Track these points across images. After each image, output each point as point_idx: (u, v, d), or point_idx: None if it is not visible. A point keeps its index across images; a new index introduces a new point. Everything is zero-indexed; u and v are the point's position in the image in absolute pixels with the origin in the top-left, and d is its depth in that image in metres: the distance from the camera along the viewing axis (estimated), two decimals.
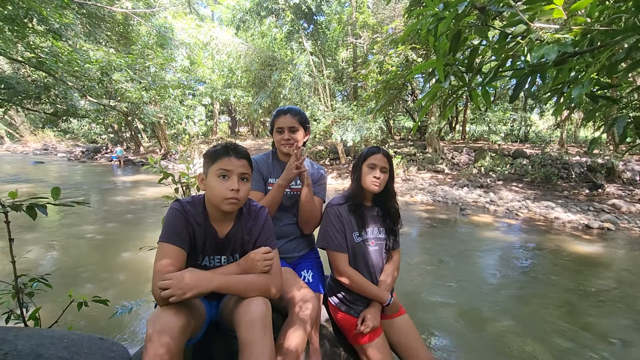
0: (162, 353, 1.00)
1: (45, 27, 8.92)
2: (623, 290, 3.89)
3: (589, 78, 0.93)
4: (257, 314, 1.17)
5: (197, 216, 1.30)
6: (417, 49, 10.11)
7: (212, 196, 1.26)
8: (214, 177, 1.25)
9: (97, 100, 12.43)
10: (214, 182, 1.24)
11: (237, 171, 1.25)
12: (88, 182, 12.12)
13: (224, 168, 1.24)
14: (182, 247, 1.22)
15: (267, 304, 1.22)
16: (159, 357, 1.00)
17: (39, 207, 1.43)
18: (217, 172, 1.24)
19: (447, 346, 2.72)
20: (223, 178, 1.24)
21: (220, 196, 1.23)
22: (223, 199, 1.23)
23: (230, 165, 1.24)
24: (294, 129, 1.77)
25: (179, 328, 1.06)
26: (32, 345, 1.05)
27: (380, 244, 1.71)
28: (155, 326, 1.03)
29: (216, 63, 17.84)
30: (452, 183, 11.15)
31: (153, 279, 1.15)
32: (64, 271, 3.97)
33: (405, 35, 1.59)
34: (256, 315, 1.17)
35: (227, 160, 1.25)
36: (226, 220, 1.34)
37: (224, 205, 1.25)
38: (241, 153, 1.28)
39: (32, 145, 28.80)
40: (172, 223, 1.25)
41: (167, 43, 13.87)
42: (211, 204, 1.30)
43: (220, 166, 1.24)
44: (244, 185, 1.28)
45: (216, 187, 1.24)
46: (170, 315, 1.06)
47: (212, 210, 1.31)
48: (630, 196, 8.86)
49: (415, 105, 16.73)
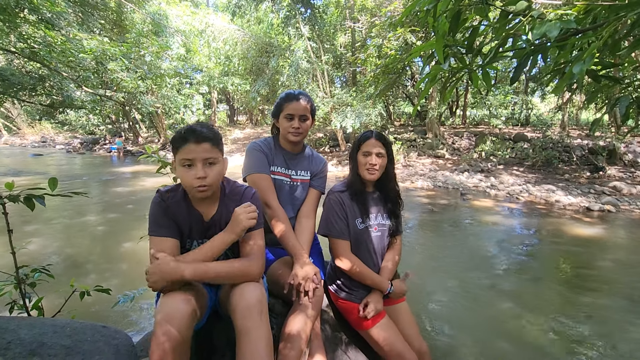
0: (170, 339, 1.01)
1: (37, 16, 8.76)
2: (622, 272, 3.92)
3: (590, 54, 0.91)
4: (253, 299, 1.17)
5: (178, 203, 1.30)
6: (416, 31, 9.93)
7: (184, 185, 1.26)
8: (180, 167, 1.23)
9: (93, 91, 12.30)
10: (180, 172, 1.23)
11: (199, 157, 1.20)
12: (87, 173, 12.11)
13: (186, 157, 1.20)
14: (171, 237, 1.24)
15: (261, 289, 1.23)
16: (167, 342, 1.01)
17: (36, 197, 1.42)
18: (180, 162, 1.22)
19: (447, 329, 2.75)
20: (188, 167, 1.21)
21: (189, 186, 1.22)
22: (192, 187, 1.22)
23: (191, 153, 1.19)
24: (305, 117, 1.67)
25: (187, 314, 1.07)
26: (35, 334, 1.06)
27: (383, 230, 1.70)
28: (163, 312, 1.04)
29: (212, 51, 17.58)
30: (452, 168, 11.13)
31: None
32: (66, 262, 4.00)
33: (403, 16, 1.56)
34: (252, 302, 1.17)
35: (187, 148, 1.19)
36: (210, 202, 1.34)
37: (195, 194, 1.24)
38: (201, 136, 1.20)
39: (30, 137, 28.68)
40: (154, 215, 1.26)
41: (162, 31, 13.65)
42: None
43: (182, 156, 1.20)
44: (211, 169, 1.23)
45: (183, 177, 1.22)
46: (178, 302, 1.07)
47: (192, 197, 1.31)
48: (632, 178, 8.84)
49: (415, 88, 16.55)
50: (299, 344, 1.33)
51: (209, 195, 1.27)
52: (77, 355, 1.06)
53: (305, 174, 1.80)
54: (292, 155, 1.79)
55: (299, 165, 1.79)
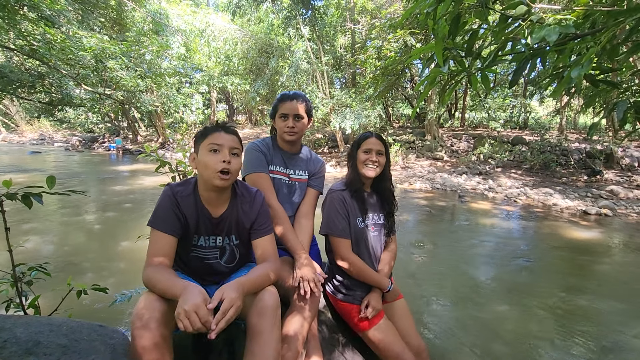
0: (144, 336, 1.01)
1: (36, 13, 8.74)
2: (618, 275, 3.93)
3: (588, 58, 0.92)
4: (270, 302, 1.20)
5: (188, 197, 1.31)
6: (416, 34, 9.96)
7: (204, 170, 1.27)
8: (205, 152, 1.26)
9: (92, 89, 12.29)
10: (206, 157, 1.26)
11: (227, 144, 1.27)
12: (86, 171, 12.07)
13: (215, 142, 1.26)
14: (171, 234, 1.25)
15: (277, 296, 1.24)
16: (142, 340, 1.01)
17: (34, 195, 1.42)
18: (208, 146, 1.26)
19: (443, 330, 2.76)
20: (214, 152, 1.26)
21: (212, 168, 1.24)
22: (215, 171, 1.24)
23: (221, 139, 1.27)
24: (300, 116, 1.70)
25: (163, 313, 1.07)
26: (31, 333, 1.06)
27: (379, 230, 1.72)
28: (137, 310, 1.05)
29: (212, 50, 17.58)
30: (451, 170, 11.15)
31: (145, 265, 1.20)
32: (63, 260, 3.98)
33: (404, 18, 1.56)
34: (269, 303, 1.19)
35: (217, 135, 1.27)
36: (220, 201, 1.35)
37: (216, 180, 1.25)
38: (230, 129, 1.31)
39: (28, 135, 28.54)
40: (161, 207, 1.27)
41: (162, 30, 13.64)
42: (203, 183, 1.31)
43: (211, 141, 1.26)
44: (235, 159, 1.29)
45: (208, 161, 1.25)
46: (153, 300, 1.08)
47: (205, 191, 1.32)
48: (629, 182, 8.88)
49: (414, 90, 16.59)
50: (296, 345, 1.33)
51: (226, 185, 1.29)
52: (74, 354, 1.05)
53: (303, 174, 1.81)
54: (290, 155, 1.80)
55: (297, 165, 1.80)
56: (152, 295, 1.10)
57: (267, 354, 1.13)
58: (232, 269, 1.45)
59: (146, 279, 1.15)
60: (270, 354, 1.14)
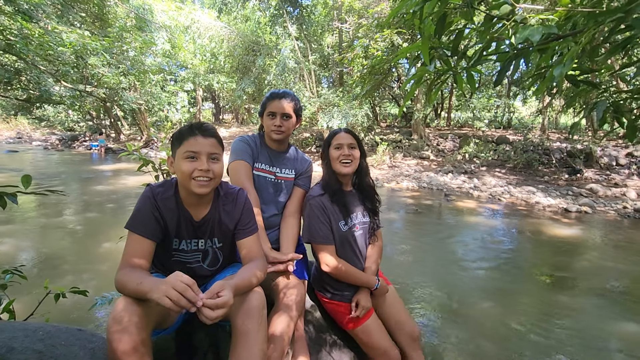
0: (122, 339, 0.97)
1: (13, 7, 8.42)
2: (596, 271, 4.06)
3: (570, 57, 0.93)
4: (257, 302, 1.17)
5: (169, 200, 1.25)
6: (403, 33, 10.04)
7: (182, 179, 1.20)
8: (182, 160, 1.18)
9: (73, 86, 11.90)
10: (182, 166, 1.17)
11: (205, 151, 1.18)
12: (66, 171, 11.71)
13: (191, 150, 1.17)
14: (150, 238, 1.19)
15: (264, 298, 1.22)
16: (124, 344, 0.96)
17: (8, 195, 1.36)
18: (184, 154, 1.17)
19: (429, 328, 2.79)
20: (191, 160, 1.17)
21: (190, 177, 1.17)
22: (192, 179, 1.17)
23: (197, 145, 1.17)
24: (288, 115, 1.68)
25: (141, 316, 1.02)
26: (4, 339, 1.01)
27: (364, 228, 1.71)
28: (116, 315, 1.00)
29: (198, 47, 17.34)
30: (437, 169, 11.30)
31: (118, 268, 1.14)
32: (41, 263, 3.85)
33: (390, 17, 1.56)
34: (256, 304, 1.16)
35: (193, 140, 1.18)
36: (201, 203, 1.29)
37: (195, 187, 1.18)
38: (208, 131, 1.20)
39: (4, 133, 27.47)
40: (140, 210, 1.21)
41: (146, 26, 13.34)
42: (184, 188, 1.24)
43: (187, 148, 1.17)
44: (215, 164, 1.21)
45: (185, 170, 1.17)
46: (131, 303, 1.03)
47: (185, 194, 1.26)
48: (607, 181, 9.18)
49: (401, 89, 16.71)
50: (282, 345, 1.32)
51: (208, 192, 1.22)
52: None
53: (290, 173, 1.79)
54: (277, 153, 1.79)
55: (283, 164, 1.79)
56: (130, 297, 1.05)
57: (253, 354, 1.11)
58: (216, 272, 1.42)
59: (118, 281, 1.09)
60: (257, 354, 1.11)
